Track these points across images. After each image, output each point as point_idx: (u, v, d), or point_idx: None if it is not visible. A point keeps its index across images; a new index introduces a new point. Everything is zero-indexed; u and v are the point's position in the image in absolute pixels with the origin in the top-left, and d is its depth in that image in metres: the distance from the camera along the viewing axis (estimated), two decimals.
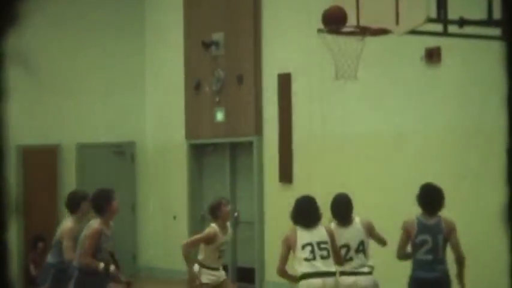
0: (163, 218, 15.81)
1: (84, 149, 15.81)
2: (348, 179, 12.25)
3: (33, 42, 14.96)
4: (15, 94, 15.00)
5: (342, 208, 8.61)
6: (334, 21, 8.43)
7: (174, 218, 15.60)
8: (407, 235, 8.37)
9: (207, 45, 14.66)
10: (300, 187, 12.95)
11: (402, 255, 8.50)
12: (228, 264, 14.71)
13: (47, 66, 15.35)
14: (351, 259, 8.45)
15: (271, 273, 8.29)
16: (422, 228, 8.28)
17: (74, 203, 9.67)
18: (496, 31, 8.41)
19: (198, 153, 15.41)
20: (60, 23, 15.59)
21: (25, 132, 15.02)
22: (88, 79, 15.86)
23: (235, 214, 14.49)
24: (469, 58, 10.72)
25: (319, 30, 8.73)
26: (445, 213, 8.51)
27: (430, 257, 8.25)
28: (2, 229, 1.58)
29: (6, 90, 1.59)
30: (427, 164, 11.27)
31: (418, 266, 8.29)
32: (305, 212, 8.23)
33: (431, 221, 8.31)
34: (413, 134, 11.56)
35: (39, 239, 15.21)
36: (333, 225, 8.54)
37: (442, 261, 8.28)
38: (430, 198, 8.38)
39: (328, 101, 12.69)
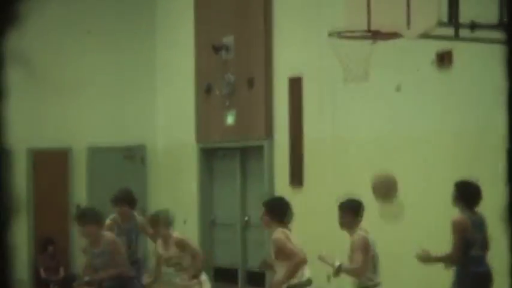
0: (175, 222, 15.78)
1: (94, 153, 15.83)
2: (359, 182, 12.21)
3: (42, 44, 15.01)
4: (25, 97, 15.06)
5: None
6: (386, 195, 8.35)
7: (184, 222, 15.58)
8: (463, 234, 8.16)
9: (217, 49, 14.65)
10: (311, 191, 12.94)
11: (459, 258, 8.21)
12: (238, 268, 14.72)
13: (57, 69, 15.39)
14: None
15: None
16: (476, 225, 8.20)
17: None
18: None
19: (209, 157, 15.40)
20: (69, 25, 15.63)
21: (35, 135, 15.06)
22: (98, 82, 15.89)
23: (246, 218, 14.51)
24: (480, 62, 10.68)
25: (330, 34, 8.71)
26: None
27: (481, 252, 8.22)
28: (4, 230, 1.58)
29: (6, 90, 1.58)
30: (438, 167, 11.23)
31: (472, 262, 8.16)
32: (291, 212, 8.07)
33: (477, 217, 8.25)
34: (424, 137, 11.52)
35: (49, 242, 15.23)
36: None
37: (486, 256, 8.27)
38: (472, 194, 8.30)
39: (339, 104, 12.66)
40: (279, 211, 7.98)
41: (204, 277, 9.12)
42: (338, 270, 7.71)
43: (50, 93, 15.37)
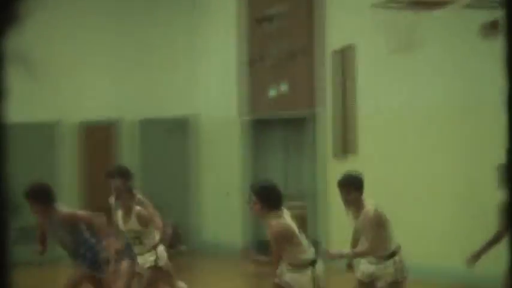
0: (218, 194, 15.87)
1: (140, 125, 15.93)
2: (404, 153, 12.16)
3: (89, 18, 15.13)
4: (74, 71, 15.09)
5: None
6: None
7: (227, 194, 15.61)
8: None
9: (262, 20, 14.60)
10: (356, 162, 12.89)
11: None
12: None
13: (102, 43, 15.50)
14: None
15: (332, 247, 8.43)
16: None
17: None
18: None
19: (252, 129, 15.39)
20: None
21: (84, 109, 15.22)
22: (144, 55, 15.95)
23: (289, 191, 14.51)
24: None
25: (374, 5, 8.65)
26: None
27: None
28: (2, 226, 1.59)
29: (6, 90, 1.59)
30: (489, 138, 11.11)
31: None
32: (283, 200, 7.21)
33: None
34: (471, 108, 11.40)
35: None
36: None
37: None
38: None
39: (385, 75, 12.57)
40: (273, 200, 7.08)
41: (161, 249, 8.85)
42: (351, 258, 7.44)
43: (98, 67, 15.48)
